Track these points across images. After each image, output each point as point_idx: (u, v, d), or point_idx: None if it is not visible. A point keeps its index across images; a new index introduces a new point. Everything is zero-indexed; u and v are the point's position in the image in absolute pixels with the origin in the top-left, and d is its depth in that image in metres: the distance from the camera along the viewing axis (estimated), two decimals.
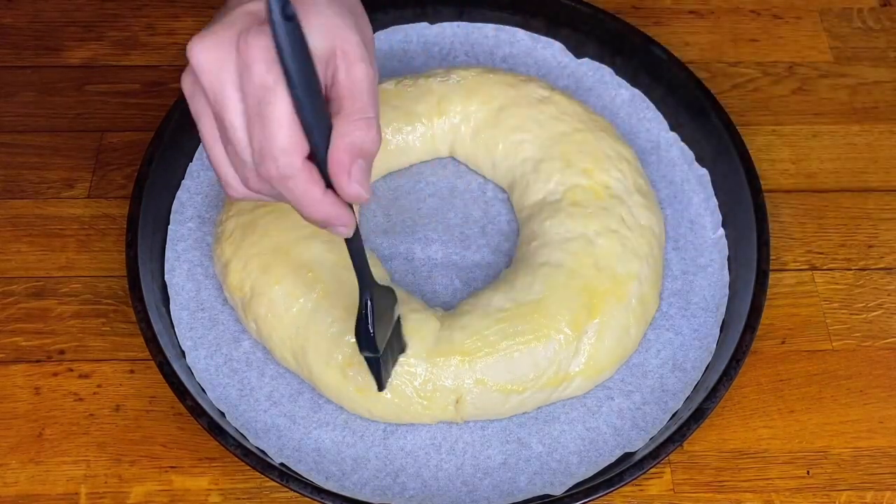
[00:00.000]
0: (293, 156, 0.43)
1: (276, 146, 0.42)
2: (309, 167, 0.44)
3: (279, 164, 0.43)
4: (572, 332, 0.58)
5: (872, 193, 0.69)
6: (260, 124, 0.42)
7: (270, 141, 0.42)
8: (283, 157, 0.43)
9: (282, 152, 0.42)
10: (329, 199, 0.45)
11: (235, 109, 0.43)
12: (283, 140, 0.42)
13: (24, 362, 0.62)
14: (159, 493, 0.57)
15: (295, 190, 0.44)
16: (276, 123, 0.42)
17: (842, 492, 0.58)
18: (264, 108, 0.42)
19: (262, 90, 0.42)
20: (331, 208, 0.45)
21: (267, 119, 0.42)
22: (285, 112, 0.42)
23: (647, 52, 0.70)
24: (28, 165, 0.70)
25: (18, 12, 0.78)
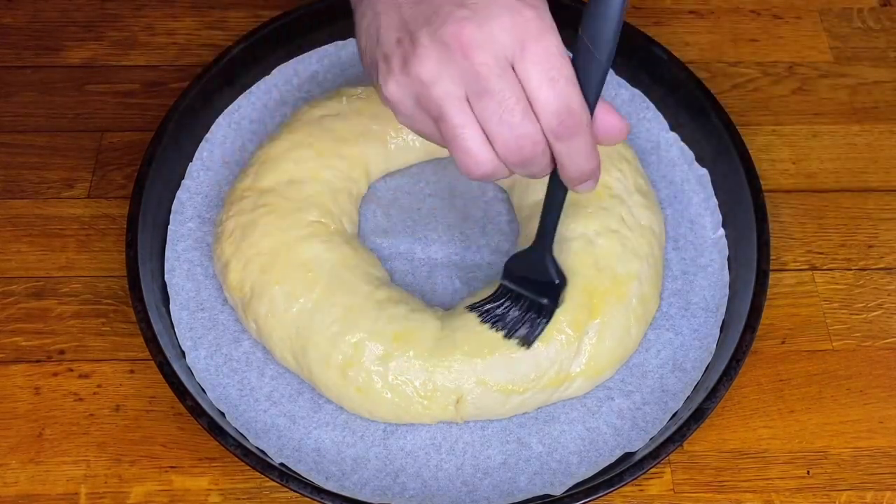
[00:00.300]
0: (585, 106, 0.47)
1: (574, 100, 0.46)
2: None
3: (580, 117, 0.46)
4: (573, 332, 0.58)
5: (872, 193, 0.69)
6: (554, 85, 0.45)
7: (568, 96, 0.46)
8: (580, 108, 0.46)
9: (578, 103, 0.46)
10: (597, 152, 0.49)
11: (513, 80, 0.46)
12: (577, 94, 0.46)
13: (24, 362, 0.62)
14: (159, 493, 0.57)
15: (584, 138, 0.47)
16: (569, 82, 0.46)
17: (842, 492, 0.58)
18: (557, 73, 0.45)
19: (555, 55, 0.45)
20: (598, 160, 0.49)
21: (560, 79, 0.46)
22: (573, 75, 0.46)
23: (647, 51, 0.70)
24: (28, 165, 0.70)
25: (18, 12, 0.78)
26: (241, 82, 0.71)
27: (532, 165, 0.48)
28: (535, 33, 0.45)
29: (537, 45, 0.45)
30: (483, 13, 0.45)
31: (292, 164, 0.63)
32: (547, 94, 0.46)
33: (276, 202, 0.62)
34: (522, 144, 0.47)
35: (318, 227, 0.61)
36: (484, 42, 0.45)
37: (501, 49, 0.45)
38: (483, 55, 0.45)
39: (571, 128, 0.46)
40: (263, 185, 0.63)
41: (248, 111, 0.70)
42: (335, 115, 0.65)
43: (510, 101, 0.46)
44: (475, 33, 0.45)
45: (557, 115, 0.46)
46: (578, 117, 0.46)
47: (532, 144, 0.47)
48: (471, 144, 0.47)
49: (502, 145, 0.47)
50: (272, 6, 0.77)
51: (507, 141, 0.47)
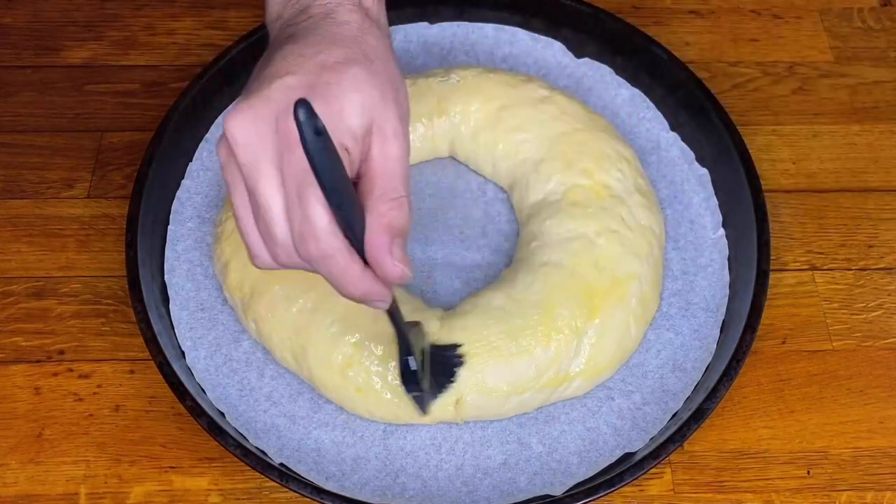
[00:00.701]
0: (335, 236, 0.43)
1: (318, 226, 0.43)
2: (348, 246, 0.44)
3: (321, 244, 0.43)
4: (572, 332, 0.58)
5: (872, 193, 0.69)
6: (301, 205, 0.43)
7: (312, 222, 0.43)
8: (325, 238, 0.43)
9: (324, 232, 0.43)
10: (368, 275, 0.45)
11: (272, 188, 0.43)
12: (324, 220, 0.43)
13: (23, 362, 0.62)
14: (159, 494, 0.57)
15: (335, 268, 0.44)
16: (318, 205, 0.42)
17: (842, 492, 0.58)
18: (305, 190, 0.42)
19: (303, 173, 0.42)
20: (370, 284, 0.45)
21: (308, 201, 0.42)
22: (322, 197, 0.42)
23: (647, 51, 0.70)
24: (28, 165, 0.70)
25: (18, 12, 0.78)
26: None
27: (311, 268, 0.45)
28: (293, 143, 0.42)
29: (294, 158, 0.42)
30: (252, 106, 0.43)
31: None
32: (293, 208, 0.43)
33: None
34: (276, 253, 0.45)
35: None
36: (247, 140, 0.43)
37: (266, 151, 0.43)
38: (244, 153, 0.43)
39: (316, 252, 0.43)
40: None
41: None
42: None
43: (263, 206, 0.44)
44: (240, 129, 0.43)
45: (299, 232, 0.43)
46: (324, 244, 0.43)
47: (286, 255, 0.45)
48: (248, 238, 0.46)
49: (268, 245, 0.45)
50: None
51: (267, 243, 0.45)
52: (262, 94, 0.44)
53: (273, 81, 0.44)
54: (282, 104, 0.43)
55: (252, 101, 0.44)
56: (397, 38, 0.73)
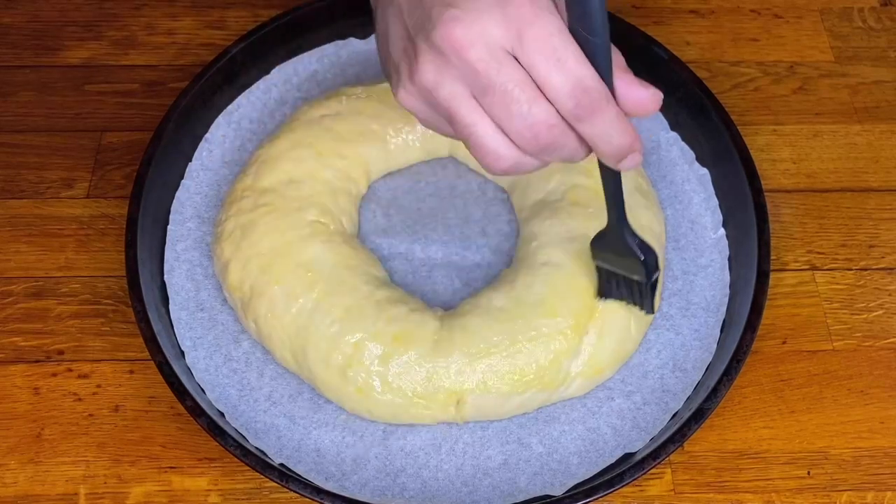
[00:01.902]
0: (601, 81, 0.44)
1: (587, 77, 0.44)
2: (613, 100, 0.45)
3: (596, 91, 0.44)
4: (573, 332, 0.58)
5: (873, 193, 0.69)
6: (562, 67, 0.44)
7: (579, 75, 0.44)
8: (596, 84, 0.44)
9: (593, 79, 0.44)
10: (631, 124, 0.46)
11: (517, 69, 0.44)
12: (590, 70, 0.44)
13: (23, 362, 0.62)
14: (159, 494, 0.57)
15: (608, 114, 0.45)
16: (579, 58, 0.44)
17: (842, 492, 0.57)
18: (563, 50, 0.44)
19: (552, 37, 0.44)
20: (635, 133, 0.46)
21: (568, 59, 0.44)
22: (580, 52, 0.44)
23: (647, 51, 0.70)
24: (27, 165, 0.70)
25: (17, 12, 0.78)
26: (241, 82, 0.70)
27: (557, 150, 0.47)
28: (529, 18, 0.44)
29: (535, 30, 0.44)
30: (472, 10, 0.45)
31: (292, 164, 0.63)
32: (556, 78, 0.44)
33: (275, 202, 0.61)
34: (537, 132, 0.45)
35: (318, 226, 0.61)
36: (475, 39, 0.44)
37: (496, 41, 0.44)
38: (476, 52, 0.44)
39: (589, 106, 0.45)
40: (263, 184, 0.62)
41: (247, 111, 0.70)
42: (335, 114, 0.65)
43: (514, 91, 0.45)
44: (465, 32, 0.44)
45: (572, 96, 0.44)
46: (596, 93, 0.44)
47: (547, 129, 0.45)
48: (486, 140, 0.47)
49: (517, 136, 0.46)
50: (272, 6, 0.77)
51: (520, 131, 0.46)
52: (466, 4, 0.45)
53: None
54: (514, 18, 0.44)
55: (464, 5, 0.45)
56: None
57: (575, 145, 0.47)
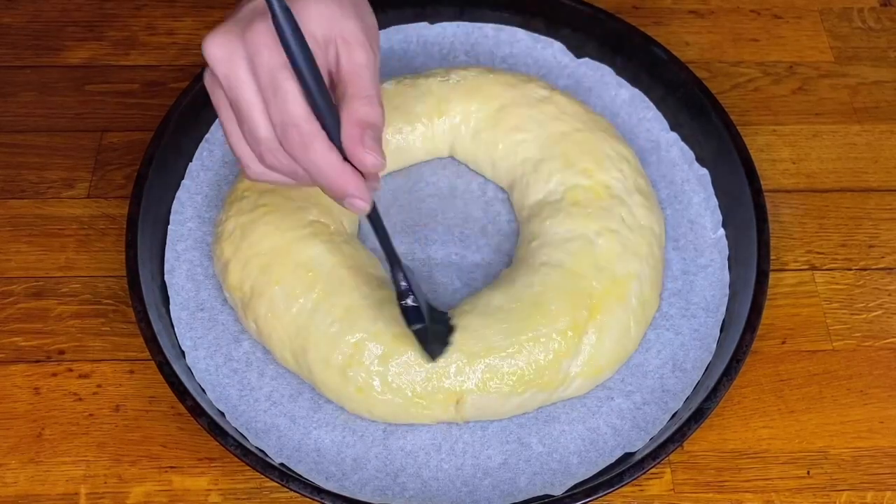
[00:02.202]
0: (312, 122, 0.46)
1: (296, 114, 0.46)
2: (325, 135, 0.47)
3: (302, 130, 0.46)
4: (572, 332, 0.58)
5: (873, 193, 0.69)
6: (277, 100, 0.46)
7: (289, 111, 0.46)
8: (304, 124, 0.46)
9: (302, 119, 0.46)
10: (348, 168, 0.48)
11: (249, 90, 0.47)
12: (300, 109, 0.46)
13: (23, 362, 0.62)
14: (159, 494, 0.57)
15: (316, 155, 0.47)
16: (291, 95, 0.46)
17: (842, 492, 0.58)
18: (279, 85, 0.46)
19: (273, 70, 0.46)
20: (350, 177, 0.48)
21: (283, 93, 0.46)
22: (294, 88, 0.46)
23: (647, 51, 0.70)
24: (28, 165, 0.70)
25: (18, 12, 0.78)
26: None
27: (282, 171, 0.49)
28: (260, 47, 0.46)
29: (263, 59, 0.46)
30: (224, 28, 0.47)
31: None
32: (271, 104, 0.46)
33: (275, 202, 0.62)
34: (260, 150, 0.48)
35: (318, 227, 0.61)
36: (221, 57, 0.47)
37: (239, 61, 0.46)
38: (221, 68, 0.47)
39: (298, 144, 0.47)
40: (263, 185, 0.62)
41: None
42: None
43: (243, 111, 0.47)
44: (214, 49, 0.46)
45: (281, 126, 0.47)
46: (300, 129, 0.46)
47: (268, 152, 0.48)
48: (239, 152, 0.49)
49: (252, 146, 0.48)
50: None
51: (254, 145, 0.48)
52: (231, 18, 0.47)
53: (241, 6, 0.48)
54: (247, 19, 0.47)
55: (223, 25, 0.47)
56: (397, 38, 0.73)
57: (301, 173, 0.49)
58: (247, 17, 0.47)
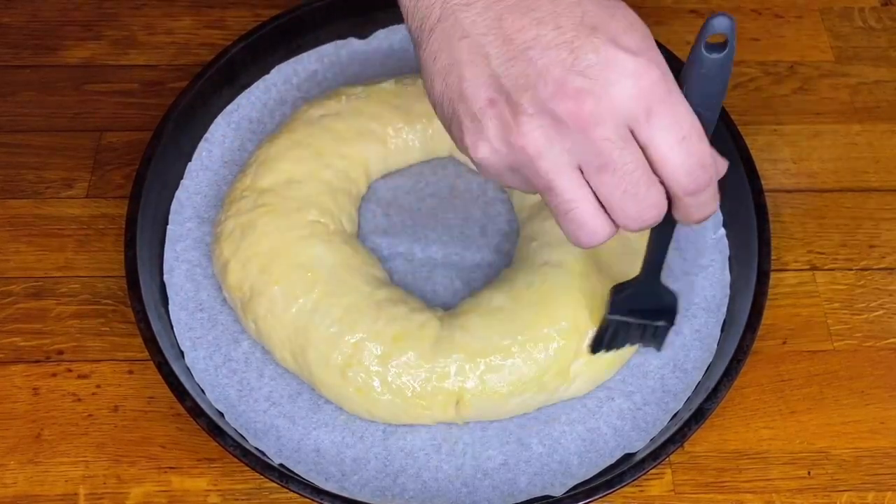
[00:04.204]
0: (714, 157, 0.45)
1: (707, 157, 0.44)
2: None
3: (712, 169, 0.44)
4: (573, 332, 0.57)
5: (874, 193, 0.69)
6: (686, 146, 0.43)
7: (702, 154, 0.43)
8: (713, 162, 0.44)
9: (711, 157, 0.44)
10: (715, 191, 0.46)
11: (637, 152, 0.43)
12: (709, 149, 0.44)
13: (22, 362, 0.62)
14: (158, 494, 0.57)
15: (713, 188, 0.45)
16: (700, 139, 0.43)
17: (843, 492, 0.57)
18: (688, 131, 0.43)
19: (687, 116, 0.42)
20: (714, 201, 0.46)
21: (692, 138, 0.43)
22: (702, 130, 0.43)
23: None
24: (26, 165, 0.69)
25: (16, 11, 0.78)
26: (241, 82, 0.70)
27: (649, 224, 0.46)
28: (660, 96, 0.42)
29: (664, 108, 0.42)
30: (602, 81, 0.41)
31: (291, 164, 0.63)
32: (678, 156, 0.43)
33: (275, 202, 0.61)
34: (647, 214, 0.44)
35: (318, 227, 0.61)
36: (605, 116, 0.41)
37: (623, 119, 0.42)
38: (604, 130, 0.42)
39: (703, 183, 0.44)
40: (262, 184, 0.62)
41: (247, 111, 0.70)
42: (335, 114, 0.65)
43: (635, 174, 0.43)
44: (595, 107, 0.41)
45: (689, 175, 0.43)
46: (710, 171, 0.44)
47: (657, 211, 0.44)
48: (587, 218, 0.45)
49: (623, 216, 0.44)
50: (272, 6, 0.77)
51: (629, 212, 0.44)
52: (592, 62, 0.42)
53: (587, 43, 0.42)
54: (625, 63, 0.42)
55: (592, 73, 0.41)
56: (397, 38, 0.73)
57: (662, 216, 0.46)
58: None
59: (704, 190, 0.44)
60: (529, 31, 0.42)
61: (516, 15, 0.43)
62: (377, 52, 0.73)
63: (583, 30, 0.42)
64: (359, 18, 0.72)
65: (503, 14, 0.43)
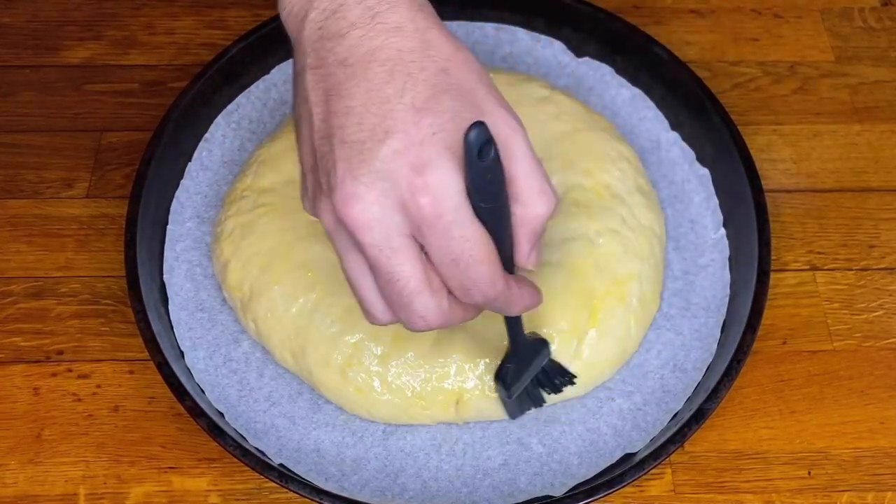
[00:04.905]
0: (498, 282, 0.44)
1: (482, 281, 0.43)
2: (507, 278, 0.45)
3: (487, 292, 0.44)
4: (573, 332, 0.57)
5: (873, 193, 0.69)
6: (461, 267, 0.42)
7: (476, 280, 0.43)
8: (489, 287, 0.43)
9: (488, 283, 0.43)
10: (525, 291, 0.47)
11: (409, 262, 0.42)
12: (487, 274, 0.43)
13: (22, 362, 0.62)
14: (158, 494, 0.57)
15: (498, 302, 0.45)
16: (477, 263, 0.42)
17: (843, 492, 0.57)
18: (462, 254, 0.42)
19: (456, 241, 0.42)
20: (528, 298, 0.47)
21: (468, 264, 0.42)
22: (484, 250, 0.42)
23: (647, 51, 0.70)
24: (27, 165, 0.69)
25: (17, 11, 0.78)
26: (241, 82, 0.70)
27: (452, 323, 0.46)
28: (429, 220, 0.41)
29: (431, 232, 0.41)
30: (375, 185, 0.41)
31: (292, 164, 0.63)
32: (449, 274, 0.43)
33: (275, 202, 0.61)
34: (419, 321, 0.44)
35: (318, 227, 0.60)
36: (373, 225, 0.41)
37: (396, 230, 0.42)
38: (371, 237, 0.42)
39: (480, 301, 0.44)
40: (263, 184, 0.62)
41: (247, 110, 0.70)
42: None
43: (400, 283, 0.42)
44: (361, 216, 0.41)
45: (464, 292, 0.43)
46: (489, 290, 0.43)
47: (435, 317, 0.44)
48: (368, 304, 0.46)
49: (405, 318, 0.45)
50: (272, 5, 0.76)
51: (405, 315, 0.44)
52: (372, 169, 0.41)
53: (376, 149, 0.41)
54: (401, 177, 0.41)
55: (366, 181, 0.41)
56: None
57: (470, 314, 0.46)
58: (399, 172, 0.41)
59: (488, 303, 0.44)
60: (340, 117, 0.42)
61: (337, 96, 0.42)
62: None
63: (378, 132, 0.41)
64: None
65: (330, 90, 0.43)
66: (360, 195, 0.41)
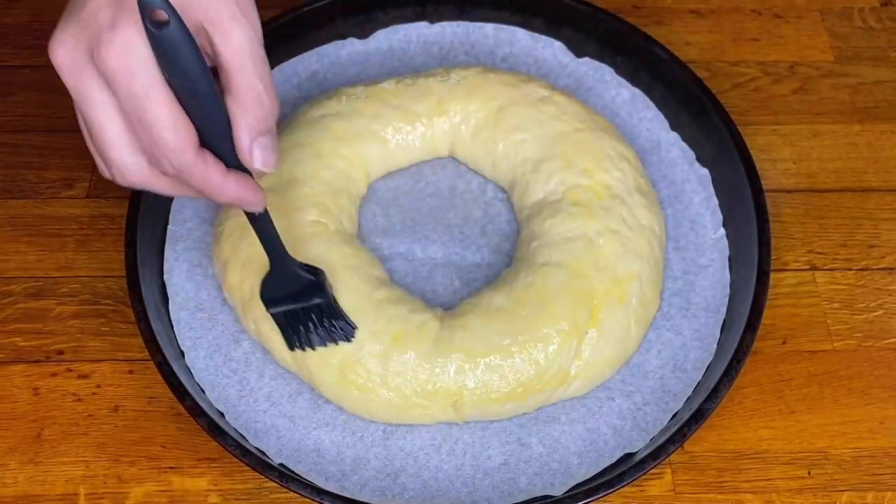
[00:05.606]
0: (185, 152, 0.44)
1: (165, 147, 0.43)
2: (203, 155, 0.44)
3: (172, 161, 0.44)
4: (573, 332, 0.57)
5: (873, 193, 0.69)
6: (143, 129, 0.43)
7: (159, 143, 0.43)
8: (174, 156, 0.44)
9: (172, 151, 0.43)
10: (232, 180, 0.46)
11: (105, 115, 0.44)
12: (170, 141, 0.43)
13: (22, 362, 0.62)
14: (158, 494, 0.57)
15: (194, 179, 0.45)
16: (158, 127, 0.43)
17: (842, 492, 0.57)
18: (143, 115, 0.42)
19: (134, 99, 0.42)
20: (235, 190, 0.46)
21: (149, 124, 0.43)
22: (165, 115, 0.42)
23: (647, 51, 0.70)
24: (27, 165, 0.69)
25: (17, 11, 0.78)
26: None
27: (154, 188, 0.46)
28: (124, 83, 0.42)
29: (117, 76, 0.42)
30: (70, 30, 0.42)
31: (291, 164, 0.63)
32: (142, 136, 0.43)
33: (275, 202, 0.61)
34: (121, 171, 0.45)
35: (318, 227, 0.61)
36: (62, 66, 0.43)
37: (87, 73, 0.43)
38: (63, 75, 0.43)
39: (169, 169, 0.44)
40: (263, 184, 0.62)
41: None
42: (335, 114, 0.65)
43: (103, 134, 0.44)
44: (53, 54, 0.43)
45: (151, 155, 0.44)
46: (173, 161, 0.43)
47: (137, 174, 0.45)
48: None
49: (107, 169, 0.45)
50: (272, 6, 0.77)
51: (107, 164, 0.45)
52: (80, 18, 0.43)
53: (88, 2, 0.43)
54: (96, 27, 0.42)
55: (69, 27, 0.43)
56: (397, 38, 0.73)
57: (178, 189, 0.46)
58: (95, 22, 0.42)
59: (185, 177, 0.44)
60: None
61: None
62: (377, 52, 0.73)
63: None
64: (359, 18, 0.72)
65: None
66: (60, 38, 0.43)
